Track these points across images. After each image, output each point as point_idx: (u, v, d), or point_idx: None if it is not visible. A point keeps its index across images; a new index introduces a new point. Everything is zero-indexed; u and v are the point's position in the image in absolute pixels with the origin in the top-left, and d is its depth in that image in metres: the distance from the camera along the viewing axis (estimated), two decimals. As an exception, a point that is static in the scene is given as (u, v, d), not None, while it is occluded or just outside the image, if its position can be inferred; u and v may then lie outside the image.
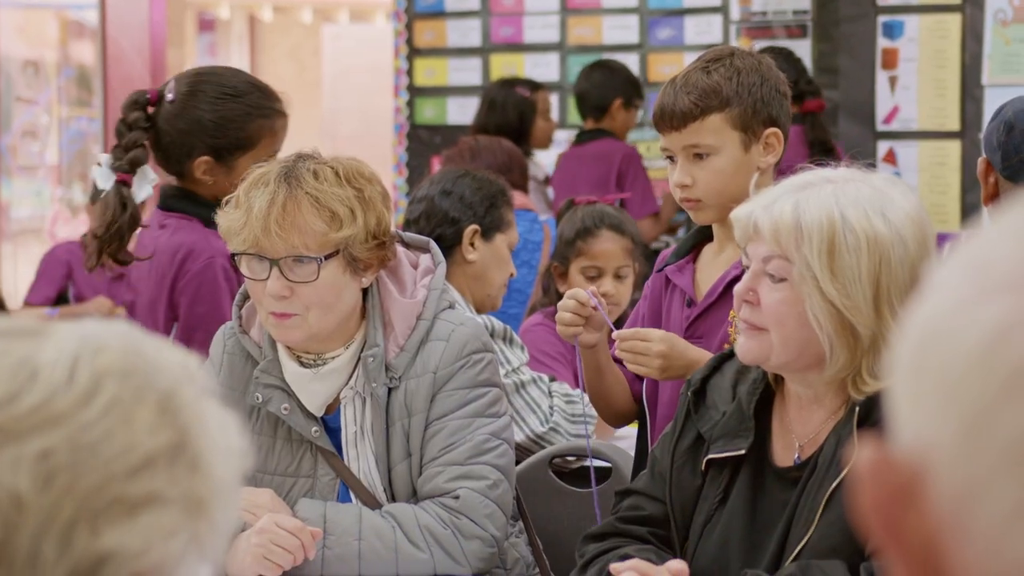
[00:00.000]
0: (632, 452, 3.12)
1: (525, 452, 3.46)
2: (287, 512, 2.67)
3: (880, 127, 6.29)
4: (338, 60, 12.18)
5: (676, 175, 2.85)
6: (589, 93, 6.34)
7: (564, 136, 6.67)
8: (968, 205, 6.06)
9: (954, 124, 6.14)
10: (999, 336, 0.69)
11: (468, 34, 7.18)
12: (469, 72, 7.20)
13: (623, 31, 6.93)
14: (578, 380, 3.03)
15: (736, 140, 2.82)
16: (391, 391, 2.72)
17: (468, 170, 3.84)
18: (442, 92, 7.26)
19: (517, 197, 4.20)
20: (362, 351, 2.72)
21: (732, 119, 2.81)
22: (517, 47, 7.12)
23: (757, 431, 2.36)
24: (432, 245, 2.87)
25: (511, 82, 6.42)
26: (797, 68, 5.87)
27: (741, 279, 2.33)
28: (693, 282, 2.91)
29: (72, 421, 0.93)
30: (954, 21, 6.12)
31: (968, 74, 6.09)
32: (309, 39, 14.34)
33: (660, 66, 6.82)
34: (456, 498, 2.68)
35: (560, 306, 2.86)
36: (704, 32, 6.73)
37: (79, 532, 0.92)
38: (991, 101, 5.87)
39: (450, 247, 3.55)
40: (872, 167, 2.34)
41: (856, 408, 2.26)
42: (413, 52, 7.28)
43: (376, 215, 2.66)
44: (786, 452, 2.36)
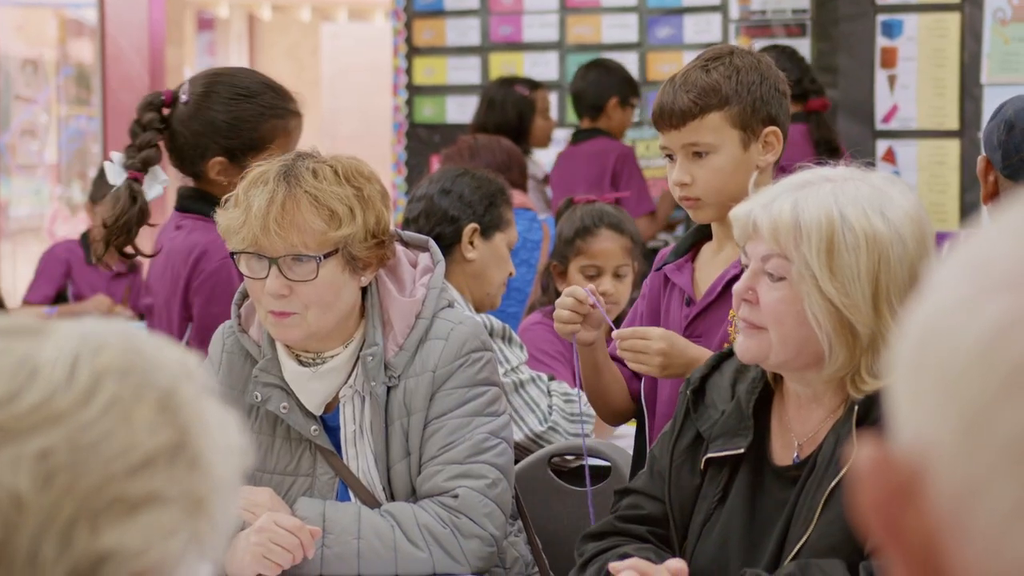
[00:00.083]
0: (631, 451, 3.12)
1: (524, 451, 3.46)
2: (286, 511, 2.67)
3: (879, 126, 6.29)
4: (337, 59, 12.19)
5: (675, 173, 2.85)
6: (585, 92, 6.33)
7: (563, 135, 6.67)
8: (967, 204, 6.06)
9: (953, 123, 6.14)
10: (999, 334, 0.69)
11: (467, 33, 7.18)
12: (468, 71, 7.19)
13: (622, 30, 6.93)
14: (576, 379, 3.03)
15: (735, 139, 2.82)
16: (390, 390, 2.72)
17: (467, 169, 3.84)
18: (441, 91, 7.26)
19: (516, 196, 4.20)
20: (361, 350, 2.72)
21: (731, 117, 2.81)
22: (516, 46, 7.12)
23: (756, 430, 2.36)
24: (431, 244, 2.87)
25: (510, 81, 6.42)
26: (801, 67, 5.87)
27: (740, 278, 2.33)
28: (692, 281, 2.91)
29: (72, 420, 0.93)
30: (953, 20, 6.12)
31: (967, 73, 6.09)
32: (308, 38, 14.34)
33: (659, 65, 6.82)
34: (455, 497, 2.68)
35: (558, 304, 2.86)
36: (703, 31, 6.73)
37: (79, 531, 0.92)
38: (990, 100, 5.87)
39: (449, 246, 3.55)
40: (871, 166, 2.34)
41: (855, 407, 2.26)
42: (412, 51, 7.28)
43: (375, 214, 2.66)
44: (785, 451, 2.36)
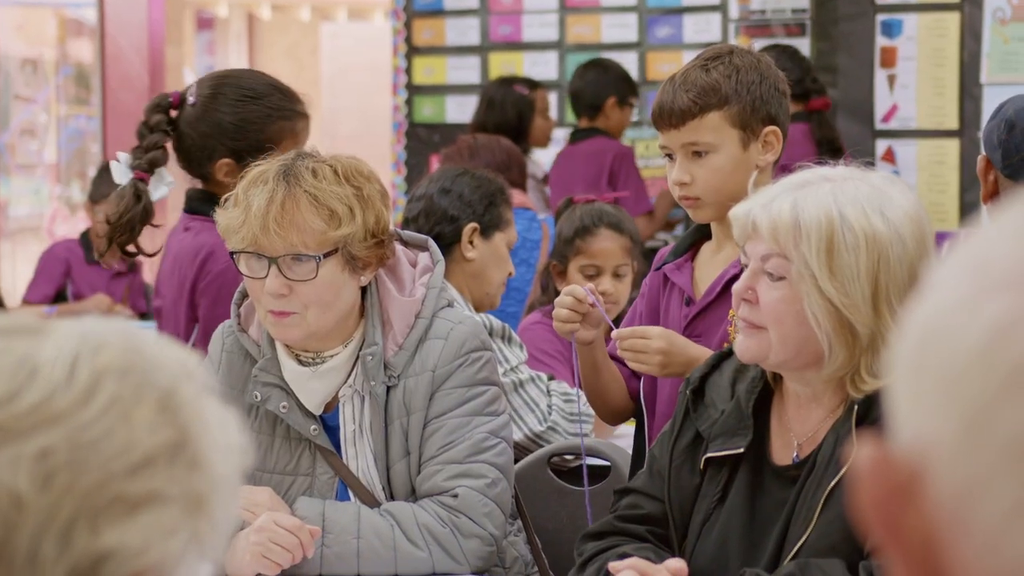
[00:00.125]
0: (631, 451, 3.12)
1: (523, 451, 3.46)
2: (286, 510, 2.67)
3: (879, 126, 6.28)
4: (336, 58, 12.20)
5: (675, 173, 2.85)
6: (583, 92, 6.33)
7: (563, 135, 6.67)
8: (967, 204, 6.06)
9: (953, 123, 6.14)
10: (999, 334, 0.69)
11: (467, 32, 7.18)
12: (468, 70, 7.19)
13: (622, 29, 6.93)
14: (576, 378, 3.03)
15: (735, 138, 2.82)
16: (390, 389, 2.72)
17: (467, 168, 3.84)
18: (441, 90, 7.26)
19: (516, 195, 4.20)
20: (361, 349, 2.72)
21: (731, 117, 2.81)
22: (516, 45, 7.11)
23: (756, 429, 2.36)
24: (431, 243, 2.87)
25: (510, 80, 6.42)
26: (802, 67, 5.87)
27: (739, 278, 2.33)
28: (692, 280, 2.91)
29: (72, 420, 0.93)
30: (953, 20, 6.12)
31: (967, 73, 6.09)
32: (307, 37, 14.34)
33: (659, 64, 6.82)
34: (455, 496, 2.68)
35: (557, 302, 2.86)
36: (703, 30, 6.73)
37: (79, 531, 0.92)
38: (990, 100, 5.87)
39: (449, 245, 3.55)
40: (870, 166, 2.34)
41: (855, 406, 2.26)
42: (412, 50, 7.28)
43: (375, 213, 2.66)
44: (785, 450, 2.36)
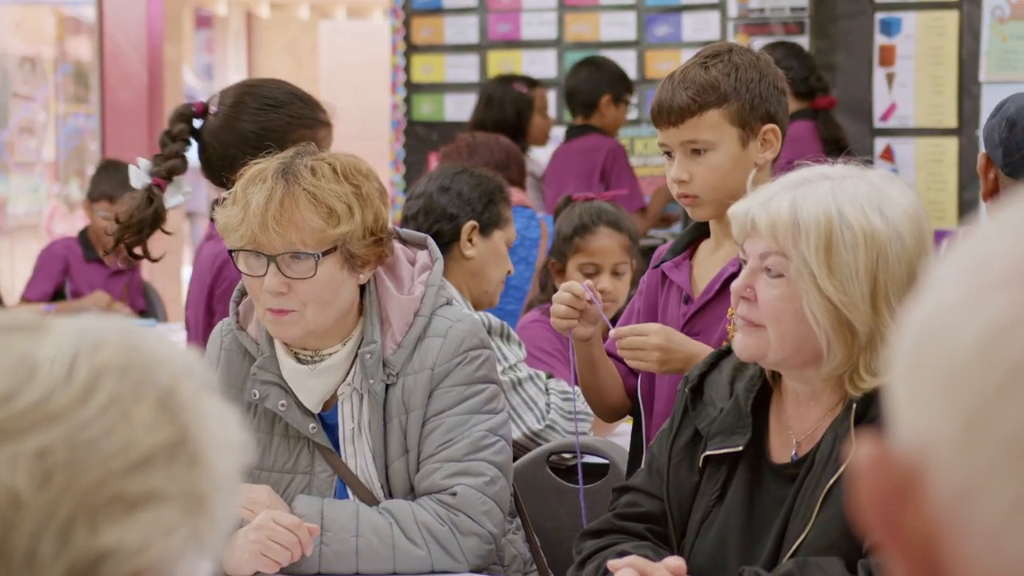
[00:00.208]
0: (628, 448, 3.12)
1: (522, 449, 3.46)
2: (284, 508, 2.67)
3: (877, 124, 6.29)
4: (335, 56, 12.19)
5: (673, 171, 2.85)
6: (578, 90, 6.34)
7: (561, 132, 6.67)
8: (965, 202, 6.06)
9: (951, 121, 6.15)
10: (998, 332, 0.69)
11: (465, 31, 7.18)
12: (467, 68, 7.19)
13: (620, 27, 6.93)
14: (573, 375, 3.02)
15: (734, 136, 2.82)
16: (388, 387, 2.72)
17: (466, 166, 3.84)
18: (440, 88, 7.26)
19: (515, 194, 4.20)
20: (359, 347, 2.72)
21: (730, 115, 2.81)
22: (515, 43, 7.12)
23: (754, 428, 2.36)
24: (430, 241, 2.87)
25: (508, 79, 6.42)
26: (807, 65, 5.88)
27: (738, 276, 2.33)
28: (690, 278, 2.91)
29: (71, 418, 0.93)
30: (951, 18, 6.12)
31: (965, 71, 6.09)
32: (306, 35, 14.34)
33: (657, 63, 6.82)
34: (453, 495, 2.68)
35: (555, 299, 2.86)
36: (702, 29, 6.73)
37: (77, 530, 0.91)
38: (988, 98, 5.87)
39: (448, 243, 3.55)
40: (869, 164, 2.34)
41: (853, 405, 2.26)
42: (411, 48, 7.28)
43: (374, 211, 2.66)
44: (783, 449, 2.36)
